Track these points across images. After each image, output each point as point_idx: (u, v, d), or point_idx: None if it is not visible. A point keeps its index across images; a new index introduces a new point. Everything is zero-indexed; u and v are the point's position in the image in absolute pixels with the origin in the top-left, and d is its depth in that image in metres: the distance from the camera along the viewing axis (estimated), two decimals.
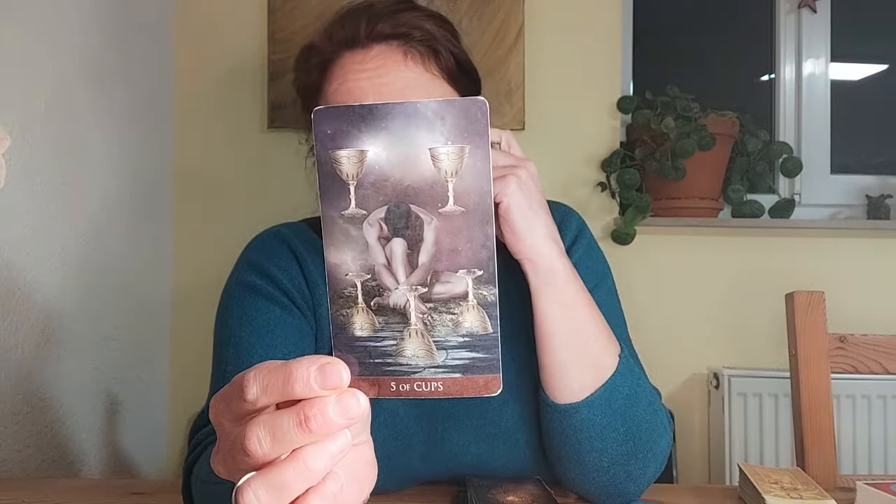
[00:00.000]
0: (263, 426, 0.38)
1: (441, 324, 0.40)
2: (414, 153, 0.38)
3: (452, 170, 0.38)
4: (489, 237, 0.39)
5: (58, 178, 1.27)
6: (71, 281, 1.32)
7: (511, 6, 1.81)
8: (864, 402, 1.78)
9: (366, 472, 0.45)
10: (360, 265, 0.41)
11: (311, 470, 0.38)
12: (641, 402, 0.78)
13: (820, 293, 1.03)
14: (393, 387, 0.41)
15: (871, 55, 2.15)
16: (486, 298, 0.40)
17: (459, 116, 0.38)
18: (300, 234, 0.91)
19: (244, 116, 1.83)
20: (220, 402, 0.42)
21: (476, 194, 0.38)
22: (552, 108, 1.84)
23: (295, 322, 0.85)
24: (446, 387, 0.41)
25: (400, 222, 0.40)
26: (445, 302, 0.40)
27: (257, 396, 0.39)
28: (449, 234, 0.39)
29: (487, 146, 0.38)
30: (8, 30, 1.12)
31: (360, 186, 0.39)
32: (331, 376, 0.38)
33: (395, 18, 0.82)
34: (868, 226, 1.88)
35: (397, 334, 0.41)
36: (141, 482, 1.33)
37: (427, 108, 0.38)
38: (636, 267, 1.84)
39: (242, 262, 0.91)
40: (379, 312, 0.41)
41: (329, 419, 0.38)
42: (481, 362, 0.40)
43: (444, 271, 0.40)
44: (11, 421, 1.14)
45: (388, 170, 0.39)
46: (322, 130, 0.39)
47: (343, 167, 0.39)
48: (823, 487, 0.79)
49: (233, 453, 0.40)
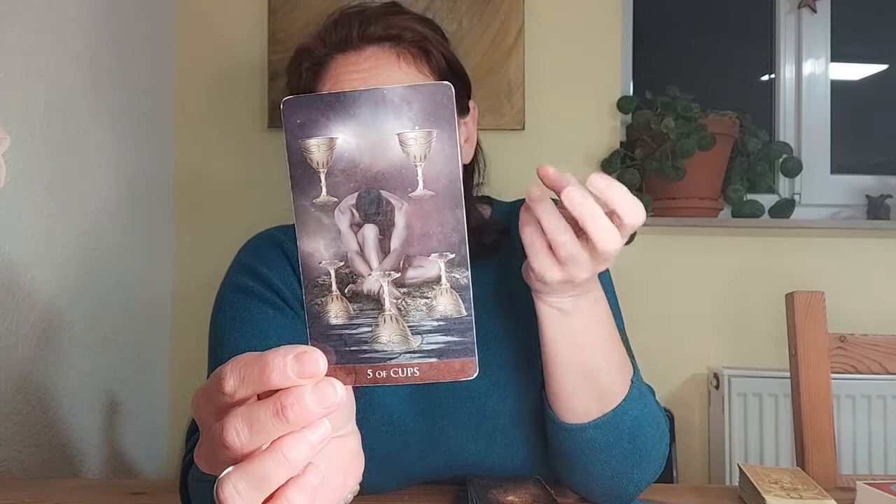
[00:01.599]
0: (241, 417, 0.38)
1: (415, 308, 0.40)
2: (382, 139, 0.39)
3: (421, 154, 0.38)
4: (460, 220, 0.39)
5: (58, 179, 1.27)
6: (71, 281, 1.32)
7: (511, 6, 1.81)
8: (864, 402, 1.78)
9: (351, 463, 0.45)
10: (333, 253, 0.41)
11: (291, 460, 0.38)
12: (647, 419, 0.78)
13: (820, 293, 1.03)
14: (370, 374, 0.41)
15: (871, 55, 2.14)
16: (458, 281, 0.40)
17: (426, 101, 0.38)
18: (293, 237, 0.91)
19: (244, 117, 1.83)
20: (201, 398, 0.42)
21: (445, 178, 0.39)
22: (552, 108, 1.84)
23: (288, 323, 0.85)
24: (422, 372, 0.41)
25: (371, 208, 0.40)
26: (419, 286, 0.40)
27: (235, 388, 0.39)
28: (420, 219, 0.39)
29: (455, 130, 0.38)
30: (8, 30, 1.12)
31: (330, 174, 0.40)
32: (307, 365, 0.38)
33: (386, 20, 0.83)
34: (868, 226, 1.88)
35: (372, 321, 0.41)
36: (141, 482, 1.33)
37: (394, 94, 0.38)
38: (636, 267, 1.84)
39: (235, 265, 0.91)
40: (353, 299, 0.41)
41: (306, 408, 0.37)
42: (456, 346, 0.40)
43: (417, 256, 0.40)
44: (11, 421, 1.14)
45: (358, 156, 0.39)
46: (292, 120, 0.39)
47: (313, 155, 0.39)
48: (823, 487, 0.79)
49: (214, 447, 0.40)
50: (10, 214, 1.14)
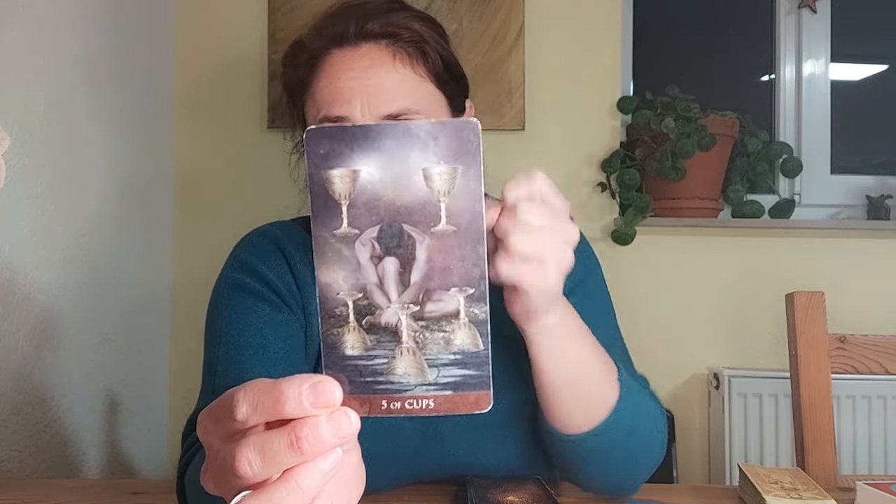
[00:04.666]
0: (253, 447, 0.38)
1: (433, 342, 0.40)
2: (406, 173, 0.39)
3: (445, 190, 0.39)
4: (481, 256, 0.39)
5: (57, 179, 1.27)
6: (71, 281, 1.32)
7: (511, 6, 1.81)
8: (864, 402, 1.78)
9: (354, 477, 0.45)
10: (352, 284, 0.41)
11: (304, 490, 0.38)
12: (642, 416, 0.78)
13: (820, 293, 1.03)
14: (384, 405, 0.41)
15: (871, 55, 2.14)
16: (477, 316, 0.40)
17: (452, 137, 0.38)
18: (290, 233, 0.91)
19: (244, 116, 1.83)
20: (208, 420, 0.41)
21: (468, 214, 0.39)
22: (552, 108, 1.84)
23: (285, 319, 0.85)
24: (437, 404, 0.41)
25: (392, 241, 0.40)
26: (437, 320, 0.40)
27: (247, 416, 0.38)
28: (441, 253, 0.39)
29: (480, 167, 0.38)
30: (8, 30, 1.12)
31: (352, 206, 0.40)
32: (323, 395, 0.38)
33: (385, 18, 0.82)
34: (868, 226, 1.88)
35: (389, 353, 0.41)
36: (141, 482, 1.33)
37: (420, 129, 0.38)
38: (636, 267, 1.84)
39: (231, 261, 0.91)
40: (371, 331, 0.41)
41: (321, 439, 0.37)
42: (472, 379, 0.40)
43: (436, 290, 0.40)
44: (11, 421, 1.14)
45: (381, 189, 0.39)
46: (314, 151, 0.39)
47: (335, 187, 0.39)
48: (823, 487, 0.79)
49: (223, 473, 0.39)
50: (10, 214, 1.14)
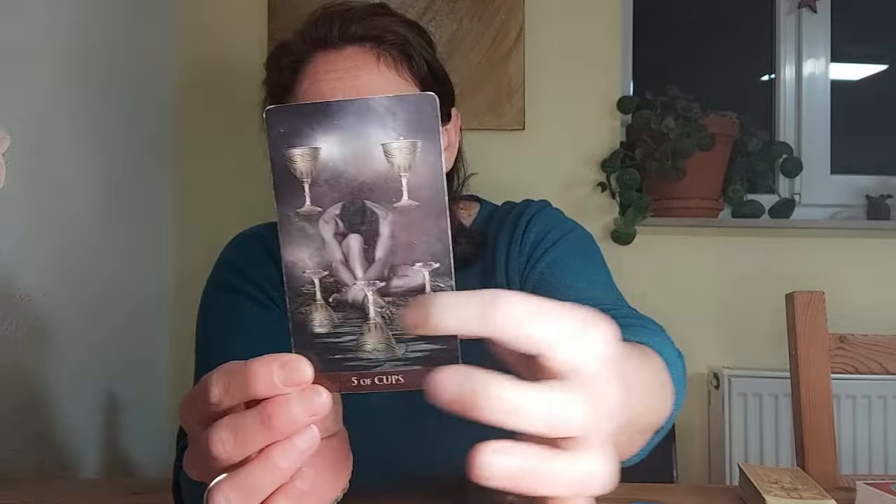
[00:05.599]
0: (226, 427, 0.38)
1: (400, 317, 0.40)
2: (367, 149, 0.39)
3: (405, 165, 0.38)
4: (444, 230, 0.39)
5: (57, 179, 1.27)
6: (71, 281, 1.32)
7: (511, 6, 1.81)
8: (864, 402, 1.78)
9: (340, 461, 0.45)
10: (317, 262, 0.41)
11: (280, 469, 0.38)
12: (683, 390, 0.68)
13: (820, 293, 1.03)
14: (354, 381, 0.41)
15: (871, 55, 2.14)
16: (443, 290, 0.40)
17: (411, 112, 0.38)
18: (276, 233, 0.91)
19: (243, 116, 1.83)
20: (187, 406, 0.42)
21: (430, 188, 0.39)
22: (552, 108, 1.84)
23: (274, 320, 0.85)
24: (407, 379, 0.41)
25: (355, 218, 0.40)
26: (403, 295, 0.40)
27: (220, 397, 0.39)
28: (404, 229, 0.39)
29: (439, 141, 0.38)
30: (8, 30, 1.12)
31: (314, 184, 0.40)
32: (293, 373, 0.38)
33: (369, 21, 0.82)
34: (868, 226, 1.88)
35: (356, 329, 0.41)
36: (141, 482, 1.33)
37: (379, 105, 0.38)
38: (636, 267, 1.84)
39: (220, 263, 0.91)
40: (338, 308, 0.41)
41: (292, 416, 0.37)
42: (441, 353, 0.40)
43: (401, 265, 0.40)
44: (11, 421, 1.14)
45: (342, 166, 0.39)
46: (275, 130, 0.39)
47: (297, 165, 0.39)
48: (823, 487, 0.79)
49: (201, 457, 0.40)
50: (10, 214, 1.14)
